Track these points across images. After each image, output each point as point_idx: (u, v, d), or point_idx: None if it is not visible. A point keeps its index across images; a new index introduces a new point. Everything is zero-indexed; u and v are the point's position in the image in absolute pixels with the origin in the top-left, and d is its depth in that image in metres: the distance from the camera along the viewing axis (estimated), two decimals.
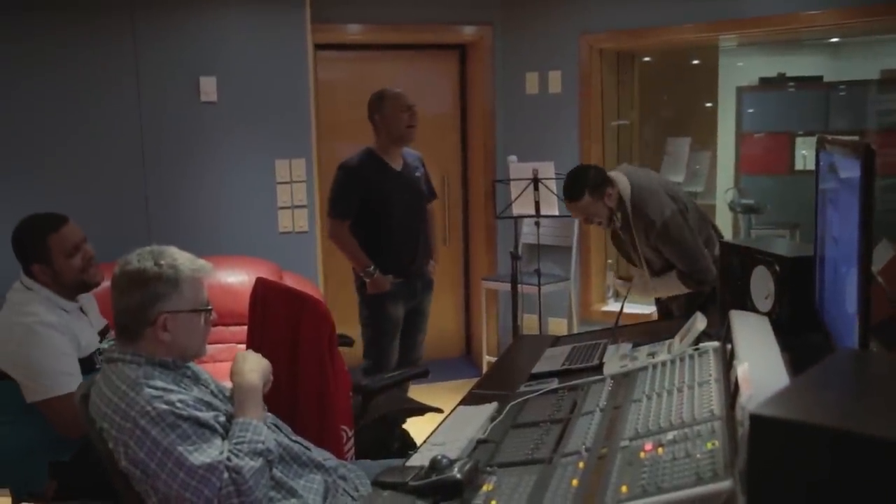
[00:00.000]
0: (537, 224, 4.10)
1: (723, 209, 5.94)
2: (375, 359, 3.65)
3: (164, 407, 1.78)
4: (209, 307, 2.01)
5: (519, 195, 4.04)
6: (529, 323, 4.79)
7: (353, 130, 4.62)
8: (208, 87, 4.42)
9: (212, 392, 2.05)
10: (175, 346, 1.94)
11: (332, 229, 3.68)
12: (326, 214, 3.71)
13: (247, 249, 4.44)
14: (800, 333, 2.12)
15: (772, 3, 4.11)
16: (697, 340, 2.18)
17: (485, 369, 4.83)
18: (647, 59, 4.85)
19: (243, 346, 3.06)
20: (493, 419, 2.08)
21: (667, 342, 2.39)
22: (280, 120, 4.53)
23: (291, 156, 4.56)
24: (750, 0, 4.18)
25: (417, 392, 3.89)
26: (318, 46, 5.00)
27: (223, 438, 1.85)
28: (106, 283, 2.26)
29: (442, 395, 4.88)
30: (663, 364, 2.12)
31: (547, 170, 3.99)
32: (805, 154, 7.21)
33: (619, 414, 1.81)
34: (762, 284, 2.27)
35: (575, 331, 4.74)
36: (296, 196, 4.58)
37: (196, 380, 2.01)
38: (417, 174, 3.77)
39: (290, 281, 4.38)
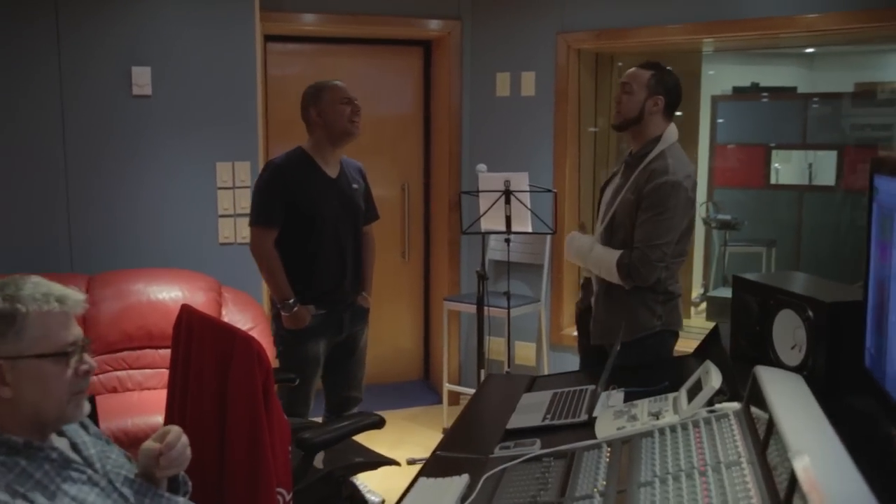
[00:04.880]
0: (507, 241, 3.69)
1: (700, 224, 5.61)
2: (288, 402, 3.03)
3: None
4: (71, 349, 1.49)
5: (488, 209, 3.63)
6: (495, 347, 4.39)
7: (305, 132, 4.16)
8: (141, 79, 3.95)
9: (94, 469, 1.56)
10: (22, 406, 1.45)
11: (254, 240, 3.09)
12: (248, 223, 3.15)
13: (182, 262, 4.01)
14: (840, 395, 1.74)
15: (761, 4, 3.77)
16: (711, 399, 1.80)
17: (445, 398, 4.41)
18: (628, 62, 4.48)
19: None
20: (463, 498, 1.67)
21: (670, 396, 2.02)
22: (223, 118, 4.07)
23: (235, 158, 4.10)
24: (738, 2, 3.83)
25: None
26: (269, 37, 4.55)
27: None
28: None
29: (398, 424, 4.47)
30: (672, 430, 1.72)
31: (520, 181, 3.59)
32: (778, 167, 6.99)
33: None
34: (788, 332, 1.89)
35: (545, 357, 4.34)
36: (239, 203, 4.13)
37: (65, 463, 1.51)
38: (355, 186, 3.23)
39: (230, 297, 3.93)
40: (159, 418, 2.85)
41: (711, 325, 4.57)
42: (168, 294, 3.80)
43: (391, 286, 5.04)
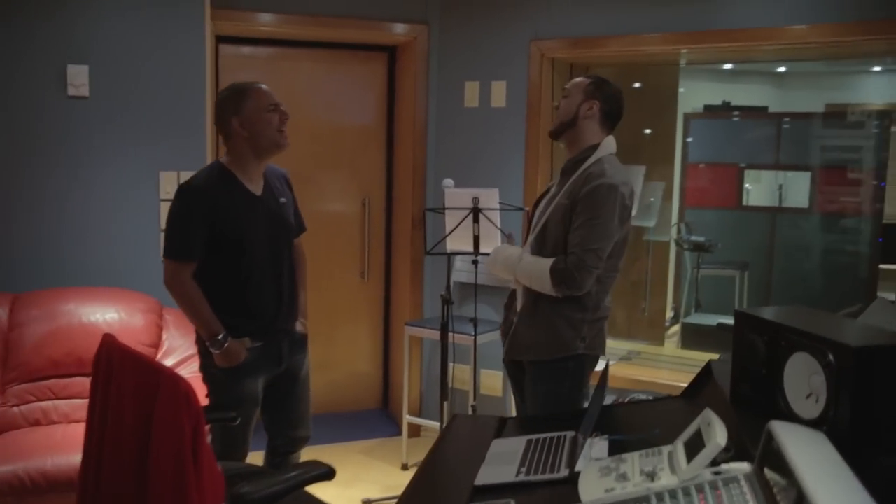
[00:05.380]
0: (475, 263, 3.41)
1: (672, 245, 5.39)
2: (223, 445, 2.69)
3: None
4: None
5: (455, 227, 3.35)
6: (459, 375, 4.10)
7: None
8: (78, 79, 3.62)
9: None
10: None
11: (170, 275, 2.65)
12: (163, 255, 2.68)
13: (120, 280, 3.68)
14: (867, 455, 1.48)
15: (741, 16, 3.57)
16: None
17: (405, 430, 4.09)
18: (603, 74, 4.25)
19: None
20: None
21: (664, 451, 1.75)
22: (169, 123, 3.75)
23: (181, 167, 3.77)
24: (719, 12, 3.62)
25: (324, 453, 3.12)
26: (221, 38, 4.25)
27: None
28: None
29: (353, 458, 4.14)
30: (672, 496, 1.45)
31: (490, 198, 3.31)
32: (749, 188, 6.85)
33: None
34: (802, 379, 1.62)
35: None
36: None
37: None
38: (283, 200, 2.82)
39: (171, 320, 3.59)
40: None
41: (685, 354, 4.37)
42: (102, 316, 3.45)
43: (349, 307, 4.73)
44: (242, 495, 1.90)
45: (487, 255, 3.33)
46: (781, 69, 7.08)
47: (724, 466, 1.49)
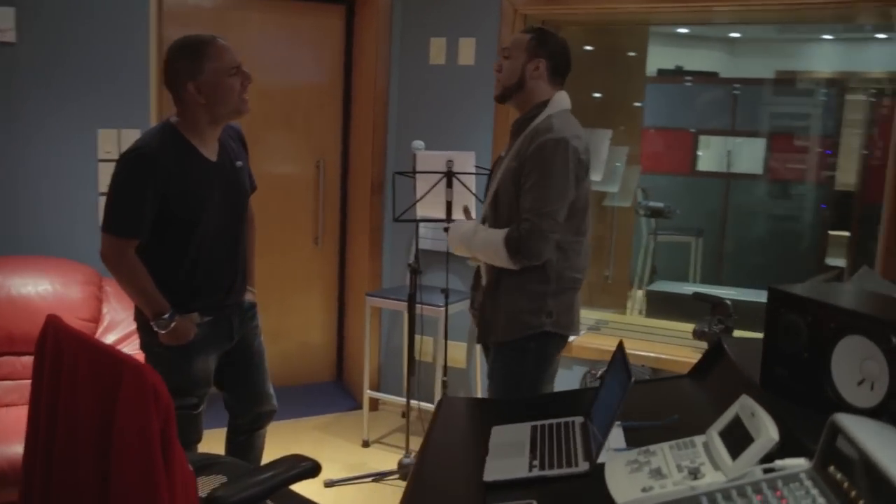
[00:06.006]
0: (447, 231, 3.19)
1: (631, 216, 5.25)
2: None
3: None
4: None
5: (427, 192, 3.13)
6: (421, 347, 3.90)
7: None
8: (3, 22, 3.25)
9: None
10: None
11: (110, 250, 2.32)
12: (102, 227, 2.33)
13: (53, 249, 3.37)
14: None
15: None
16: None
17: (366, 405, 3.88)
18: (573, 34, 4.05)
19: None
20: None
21: (697, 442, 1.59)
22: (108, 76, 3.42)
23: (122, 125, 3.46)
24: None
25: (278, 429, 2.90)
26: None
27: None
28: None
29: (310, 434, 3.93)
30: (726, 497, 1.29)
31: (465, 162, 3.09)
32: (701, 154, 6.81)
33: None
34: (853, 364, 1.48)
35: (477, 358, 3.88)
36: None
37: None
38: (239, 164, 2.51)
39: (112, 291, 3.30)
40: (19, 448, 2.22)
41: (653, 323, 4.27)
42: (35, 288, 3.14)
43: (301, 275, 4.47)
44: (217, 498, 1.67)
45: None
46: (734, 35, 7.03)
47: (777, 463, 1.34)
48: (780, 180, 6.48)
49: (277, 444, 3.08)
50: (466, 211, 2.74)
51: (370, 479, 3.43)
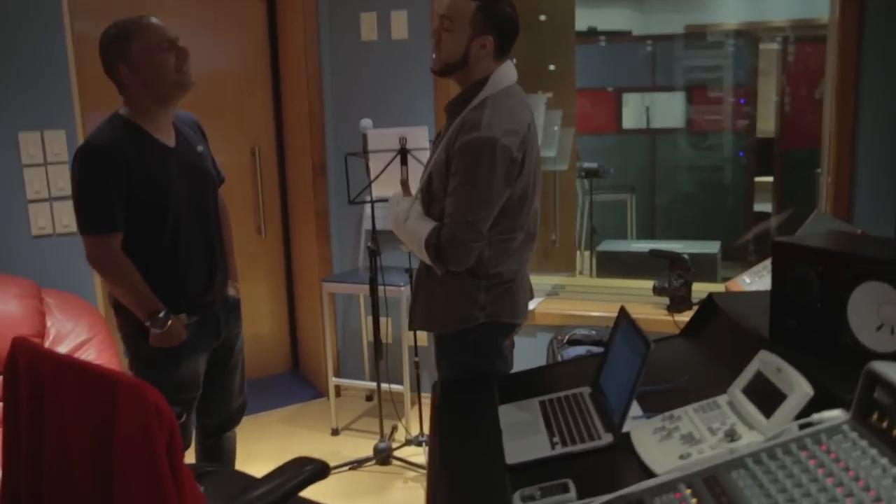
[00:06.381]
0: None
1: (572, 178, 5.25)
2: None
3: None
4: None
5: (381, 172, 3.04)
6: (387, 329, 3.83)
7: None
8: None
9: None
10: None
11: (95, 251, 2.26)
12: (80, 231, 2.27)
13: None
14: None
15: None
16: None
17: (331, 393, 3.80)
18: None
19: None
20: None
21: (721, 402, 1.59)
22: (24, 76, 3.19)
23: (44, 126, 3.26)
24: None
25: (242, 426, 2.82)
26: None
27: None
28: None
29: (275, 428, 3.83)
30: (771, 455, 1.28)
31: (418, 137, 3.02)
32: (626, 112, 6.89)
33: None
34: (871, 310, 1.49)
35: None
36: (55, 183, 3.30)
37: None
38: (200, 149, 2.46)
39: (54, 303, 3.13)
40: None
41: (607, 283, 4.30)
42: None
43: (246, 266, 4.29)
44: None
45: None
46: None
47: (815, 416, 1.34)
48: (702, 132, 6.62)
49: (243, 440, 2.98)
50: (404, 184, 2.47)
51: (347, 467, 3.36)
